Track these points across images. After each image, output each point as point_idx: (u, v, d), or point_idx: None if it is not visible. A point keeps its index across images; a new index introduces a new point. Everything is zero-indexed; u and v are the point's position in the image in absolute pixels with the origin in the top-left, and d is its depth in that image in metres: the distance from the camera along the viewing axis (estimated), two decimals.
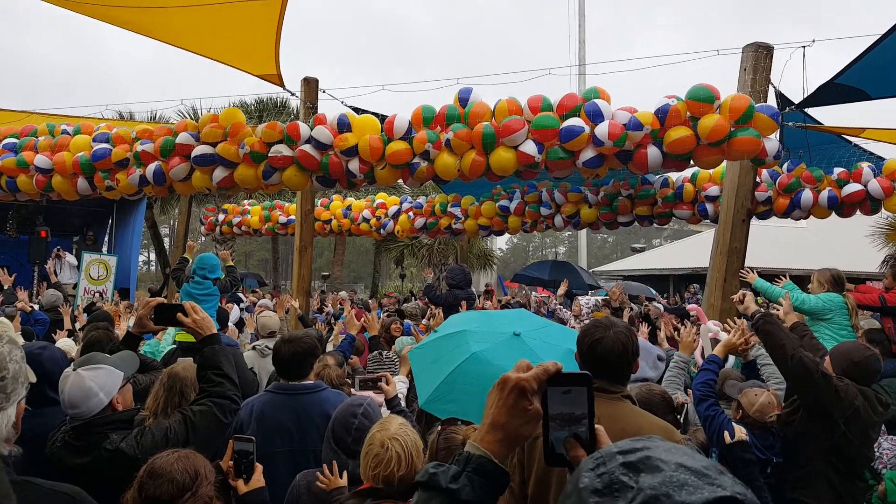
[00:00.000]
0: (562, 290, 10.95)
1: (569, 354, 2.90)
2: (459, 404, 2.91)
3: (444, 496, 1.04)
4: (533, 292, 18.64)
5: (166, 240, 32.73)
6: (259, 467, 2.58)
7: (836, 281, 5.59)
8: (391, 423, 2.48)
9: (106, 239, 16.31)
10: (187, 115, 16.21)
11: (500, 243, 50.90)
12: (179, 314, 2.69)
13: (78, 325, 7.36)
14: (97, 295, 13.91)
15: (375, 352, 5.99)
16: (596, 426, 1.10)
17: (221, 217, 14.68)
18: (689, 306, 5.89)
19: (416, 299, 15.32)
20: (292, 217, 12.74)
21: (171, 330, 6.18)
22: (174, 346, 5.35)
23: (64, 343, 5.27)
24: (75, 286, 13.94)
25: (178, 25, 6.58)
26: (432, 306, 8.14)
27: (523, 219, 10.91)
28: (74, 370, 2.48)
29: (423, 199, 12.42)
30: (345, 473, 2.63)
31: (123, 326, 6.27)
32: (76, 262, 14.18)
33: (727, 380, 4.07)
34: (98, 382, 2.45)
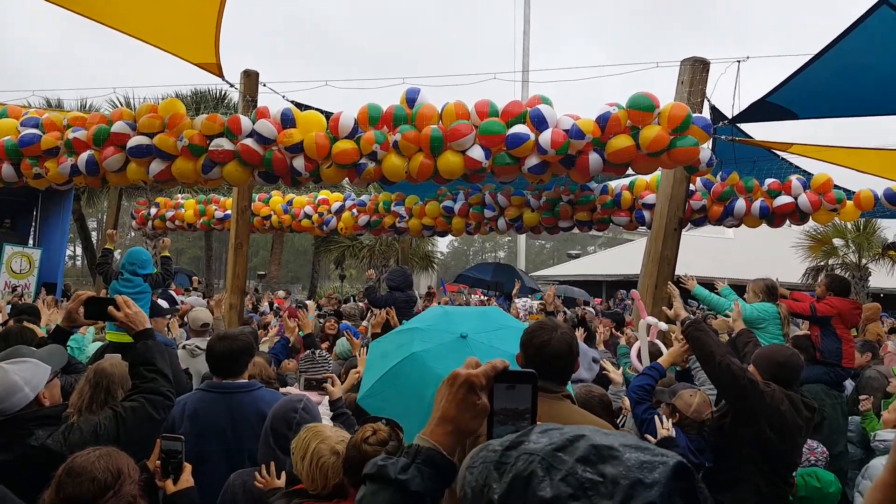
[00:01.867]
0: (516, 289, 11.07)
1: (511, 358, 2.93)
2: (389, 403, 2.90)
3: (392, 487, 1.06)
4: (472, 295, 18.81)
5: (94, 234, 31.37)
6: (188, 467, 2.50)
7: (770, 291, 5.81)
8: (325, 430, 2.47)
9: (32, 231, 15.51)
10: (119, 105, 15.59)
11: (442, 246, 51.05)
12: (111, 308, 2.59)
13: (0, 318, 6.97)
14: (17, 290, 13.24)
15: (308, 350, 5.89)
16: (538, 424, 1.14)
17: (153, 211, 14.17)
18: (633, 292, 6.01)
19: (355, 300, 15.22)
20: (229, 212, 12.42)
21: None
22: (105, 343, 5.11)
23: None
24: None
25: (114, 6, 6.32)
26: (373, 307, 8.09)
27: (467, 220, 10.96)
28: None
29: (367, 197, 12.29)
30: (283, 474, 2.59)
31: (51, 320, 5.98)
32: None
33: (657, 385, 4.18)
34: (23, 376, 2.33)
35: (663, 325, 5.16)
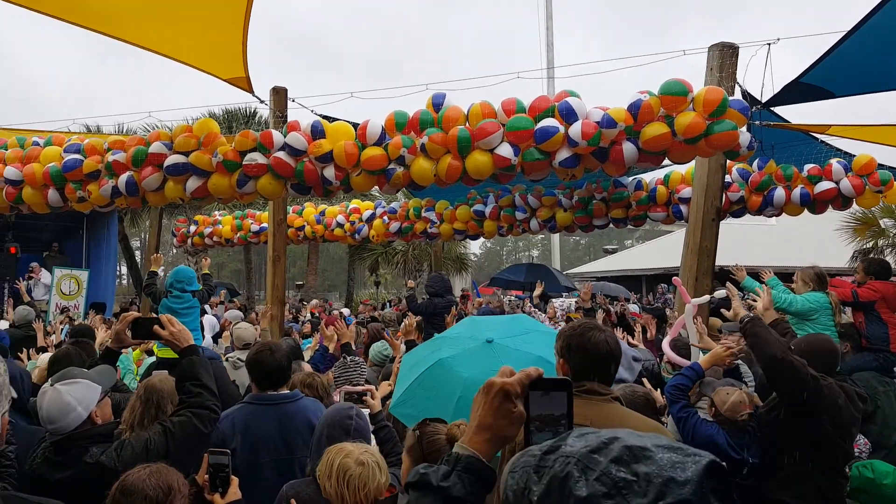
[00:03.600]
0: (537, 291, 11.03)
1: (538, 361, 2.92)
2: (417, 409, 2.93)
3: (435, 494, 1.09)
4: (505, 296, 18.74)
5: (137, 253, 32.22)
6: (235, 480, 2.54)
7: (821, 279, 5.63)
8: (345, 447, 2.47)
9: (82, 253, 16.02)
10: (155, 129, 16.02)
11: (474, 248, 51.04)
12: (156, 327, 2.67)
13: (54, 340, 7.24)
14: (66, 311, 13.64)
15: (341, 358, 5.93)
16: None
17: (193, 229, 14.51)
18: (674, 279, 5.88)
19: (391, 307, 15.31)
20: (264, 225, 12.64)
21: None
22: (154, 360, 5.28)
23: (42, 360, 5.17)
24: (48, 302, 13.70)
25: (141, 23, 6.48)
26: (413, 315, 8.17)
27: (499, 223, 10.91)
28: (52, 385, 2.44)
29: (397, 204, 12.38)
30: None
31: (103, 340, 6.18)
32: (50, 281, 13.94)
33: (704, 378, 4.11)
34: (76, 396, 2.42)
35: (704, 298, 5.08)
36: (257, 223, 13.50)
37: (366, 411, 3.30)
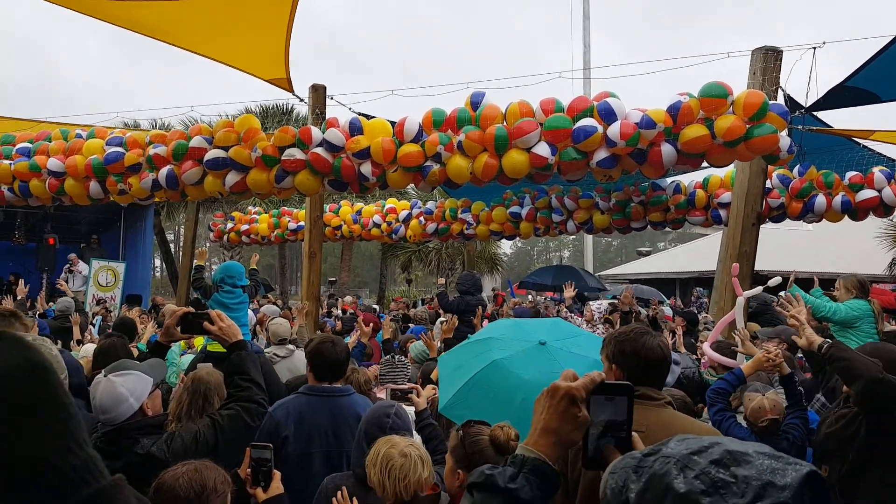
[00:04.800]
0: (568, 293, 10.96)
1: (595, 365, 2.92)
2: (475, 411, 2.92)
3: (502, 495, 1.10)
4: (541, 297, 18.66)
5: (171, 246, 32.82)
6: (277, 474, 2.58)
7: (863, 287, 5.59)
8: (393, 439, 2.50)
9: (120, 246, 16.38)
10: (192, 124, 16.33)
11: (505, 247, 50.85)
12: (206, 322, 2.72)
13: (88, 335, 7.40)
14: (103, 302, 13.94)
15: (388, 356, 6.00)
16: (633, 434, 1.22)
17: (230, 225, 14.73)
18: (734, 266, 5.74)
19: (423, 304, 15.36)
20: (302, 223, 12.77)
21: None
22: (199, 354, 5.36)
23: (86, 350, 5.32)
24: (84, 293, 14.02)
25: (185, 27, 6.61)
26: (443, 312, 8.21)
27: (535, 224, 10.87)
28: (105, 376, 2.51)
29: (433, 204, 12.41)
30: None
31: (147, 334, 6.32)
32: (87, 273, 14.26)
33: (752, 383, 4.06)
34: (128, 388, 2.48)
35: (757, 290, 5.03)
36: (294, 221, 13.62)
37: (410, 409, 3.34)
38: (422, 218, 12.20)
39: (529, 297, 19.07)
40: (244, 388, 2.62)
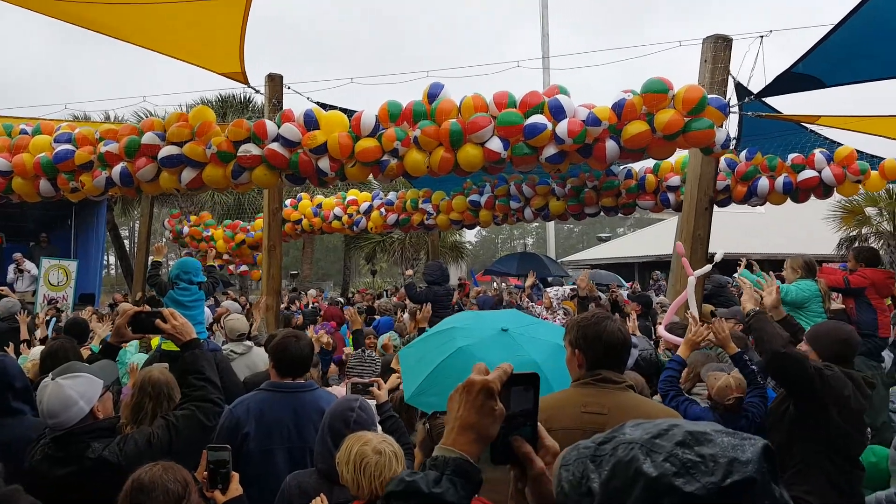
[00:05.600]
0: (529, 281, 11.13)
1: (556, 349, 2.98)
2: (443, 398, 2.94)
3: (426, 502, 1.04)
4: (504, 284, 18.80)
5: (126, 242, 32.06)
6: (236, 476, 2.53)
7: (809, 267, 5.70)
8: (364, 436, 2.48)
9: (70, 243, 15.87)
10: (146, 116, 15.91)
11: (470, 236, 51.05)
12: (158, 321, 2.68)
13: (39, 334, 7.17)
14: (54, 302, 13.52)
15: (358, 350, 5.99)
16: (538, 425, 1.18)
17: (186, 229, 14.41)
18: (677, 244, 5.92)
19: (388, 296, 15.34)
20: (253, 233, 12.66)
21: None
22: (154, 353, 5.24)
23: (34, 353, 5.16)
24: (34, 293, 13.58)
25: (136, 23, 6.45)
26: (414, 303, 8.23)
27: (494, 212, 11.00)
28: (53, 379, 2.45)
29: (394, 195, 12.38)
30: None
31: (101, 335, 6.15)
32: (37, 272, 13.77)
33: (706, 364, 4.18)
34: (78, 391, 2.43)
35: (706, 268, 5.15)
36: (253, 230, 13.38)
37: (372, 402, 3.35)
38: (383, 209, 12.18)
39: (494, 284, 19.20)
40: (199, 388, 2.59)
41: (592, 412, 2.27)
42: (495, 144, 6.23)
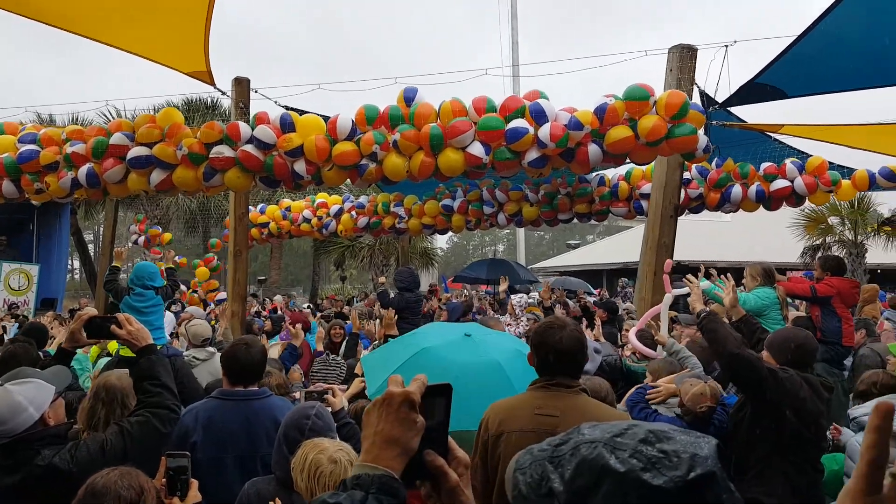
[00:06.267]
0: (503, 286, 11.18)
1: (517, 353, 2.99)
2: None
3: None
4: (475, 290, 18.84)
5: (91, 247, 31.40)
6: (195, 483, 2.47)
7: (768, 274, 5.78)
8: (321, 443, 2.45)
9: (32, 247, 15.48)
10: (111, 118, 15.59)
11: (441, 242, 51.11)
12: (113, 326, 2.61)
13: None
14: (13, 307, 13.18)
15: (323, 354, 5.92)
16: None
17: (142, 239, 14.14)
18: (667, 262, 6.01)
19: (358, 302, 15.25)
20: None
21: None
22: (112, 358, 5.12)
23: None
24: None
25: (97, 17, 6.31)
26: (381, 309, 8.19)
27: (467, 217, 10.98)
28: (2, 385, 2.36)
29: (365, 199, 12.28)
30: None
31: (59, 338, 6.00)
32: None
33: (670, 371, 4.20)
34: (27, 397, 2.34)
35: (684, 290, 5.21)
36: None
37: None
38: (353, 212, 12.06)
39: (465, 292, 19.22)
40: (154, 394, 2.52)
41: (546, 414, 2.38)
42: (477, 149, 6.21)
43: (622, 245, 27.29)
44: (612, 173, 10.07)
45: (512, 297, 9.56)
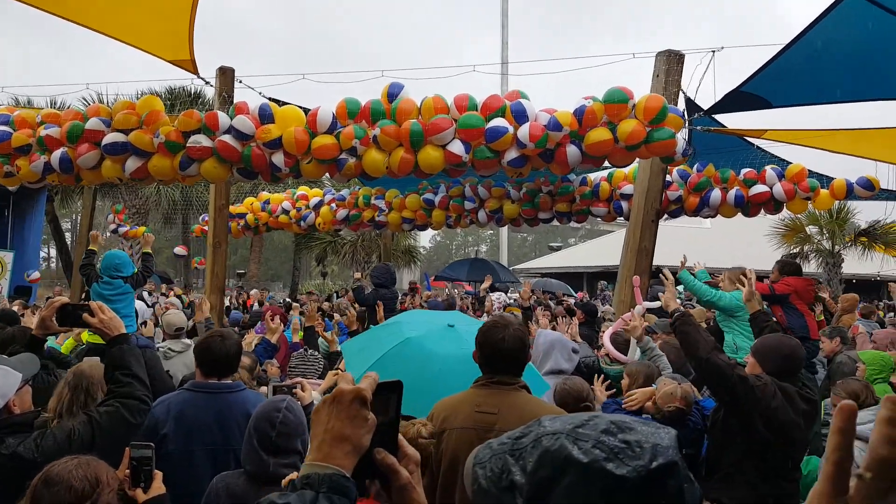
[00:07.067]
0: (485, 284, 11.23)
1: None
2: None
3: None
4: (456, 289, 18.86)
5: (67, 235, 30.91)
6: (159, 474, 2.43)
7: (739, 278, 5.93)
8: None
9: (6, 233, 15.19)
10: (92, 103, 15.36)
11: (424, 241, 51.03)
12: (85, 315, 2.56)
13: None
14: None
15: (301, 349, 5.86)
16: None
17: (123, 229, 13.97)
18: (634, 278, 6.15)
19: (338, 297, 15.17)
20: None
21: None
22: (85, 346, 5.04)
23: None
24: None
25: (85, 3, 6.20)
26: (360, 305, 8.14)
27: (447, 213, 10.94)
28: None
29: (347, 192, 12.17)
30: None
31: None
32: None
33: (647, 373, 4.21)
34: None
35: (656, 303, 5.23)
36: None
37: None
38: (333, 204, 11.95)
39: (447, 290, 19.24)
40: (125, 384, 2.47)
41: (485, 411, 2.46)
42: (457, 147, 6.20)
43: (603, 249, 27.50)
44: (594, 174, 10.11)
45: (491, 294, 9.57)
